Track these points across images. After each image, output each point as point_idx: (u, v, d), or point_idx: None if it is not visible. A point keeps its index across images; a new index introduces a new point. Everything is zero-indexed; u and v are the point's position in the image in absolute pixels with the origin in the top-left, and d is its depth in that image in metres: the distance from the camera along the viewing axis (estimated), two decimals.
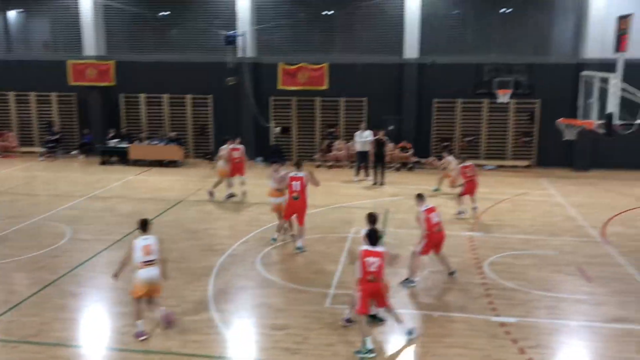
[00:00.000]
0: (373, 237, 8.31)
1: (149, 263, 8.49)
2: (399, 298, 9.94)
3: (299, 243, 12.45)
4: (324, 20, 22.73)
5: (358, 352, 8.13)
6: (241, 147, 17.19)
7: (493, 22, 21.64)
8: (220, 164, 16.90)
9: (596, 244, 13.13)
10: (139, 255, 8.49)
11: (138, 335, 8.53)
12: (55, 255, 12.11)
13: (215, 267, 11.41)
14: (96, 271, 11.27)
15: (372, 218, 9.22)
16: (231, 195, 16.93)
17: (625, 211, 15.96)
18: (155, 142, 22.63)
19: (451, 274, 10.78)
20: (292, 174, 12.40)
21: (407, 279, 10.50)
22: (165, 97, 23.83)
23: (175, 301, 9.78)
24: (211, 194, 16.92)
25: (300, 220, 12.41)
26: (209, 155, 23.01)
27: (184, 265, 11.51)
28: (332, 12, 22.57)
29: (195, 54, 23.00)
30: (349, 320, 8.81)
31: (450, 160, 17.48)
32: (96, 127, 23.98)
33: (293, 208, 12.39)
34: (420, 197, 10.76)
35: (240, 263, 11.71)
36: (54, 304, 9.73)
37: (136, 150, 22.34)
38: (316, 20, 22.68)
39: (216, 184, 17.01)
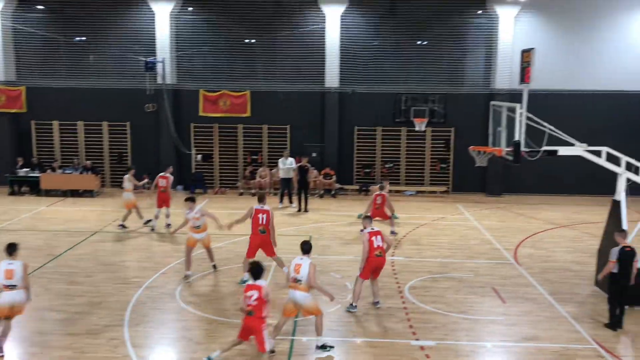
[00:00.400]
0: (255, 271, 8.20)
1: (9, 287, 8.67)
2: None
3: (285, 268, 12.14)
4: (246, 48, 22.80)
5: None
6: (170, 177, 16.70)
7: (410, 54, 22.49)
8: (125, 195, 16.42)
9: (510, 266, 13.72)
10: (0, 278, 8.70)
11: None
12: None
13: (131, 301, 10.96)
14: None
15: (305, 246, 9.15)
16: (148, 222, 16.43)
17: (535, 234, 16.82)
18: (69, 171, 21.66)
19: (375, 303, 10.88)
20: (257, 207, 12.00)
21: (351, 304, 10.59)
22: (80, 124, 22.96)
23: (90, 337, 9.31)
24: (122, 226, 16.37)
25: (271, 252, 12.03)
26: None
27: (98, 300, 11.00)
28: (253, 40, 22.68)
29: (112, 80, 22.38)
30: (272, 351, 8.68)
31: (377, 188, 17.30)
32: (4, 155, 22.66)
33: (259, 242, 11.89)
34: (367, 218, 10.94)
35: (159, 296, 11.32)
36: None
37: (48, 179, 21.29)
38: (238, 48, 22.71)
39: (125, 217, 16.48)
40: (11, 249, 8.94)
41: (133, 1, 22.14)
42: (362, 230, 10.72)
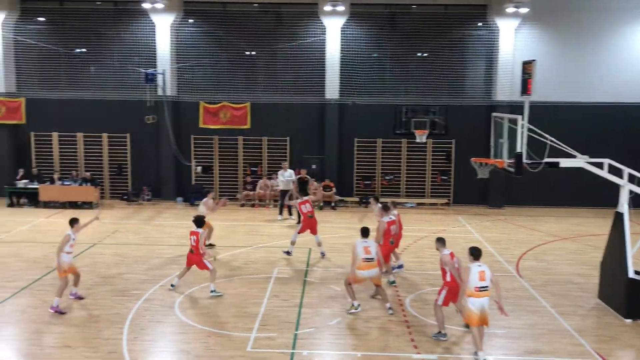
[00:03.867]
0: (196, 221, 12.26)
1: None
2: (322, 339, 9.83)
3: (391, 277, 12.83)
4: (246, 60, 22.83)
5: None
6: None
7: (410, 65, 22.50)
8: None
9: (512, 278, 13.59)
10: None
11: None
12: None
13: (130, 314, 10.84)
14: (1, 321, 10.43)
15: (478, 252, 9.42)
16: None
17: (537, 246, 16.72)
18: (68, 183, 21.57)
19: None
20: (387, 219, 12.57)
21: (438, 332, 10.06)
22: (80, 136, 22.92)
23: (89, 351, 9.18)
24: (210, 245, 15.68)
25: (387, 259, 12.58)
26: (126, 196, 22.27)
27: (97, 313, 10.88)
28: (254, 52, 22.71)
29: (112, 92, 22.38)
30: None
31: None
32: (3, 167, 22.59)
33: (391, 250, 12.79)
34: (440, 241, 10.35)
35: (158, 308, 11.20)
36: None
37: (47, 191, 21.20)
38: (238, 60, 22.73)
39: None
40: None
41: (134, 13, 22.20)
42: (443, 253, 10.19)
